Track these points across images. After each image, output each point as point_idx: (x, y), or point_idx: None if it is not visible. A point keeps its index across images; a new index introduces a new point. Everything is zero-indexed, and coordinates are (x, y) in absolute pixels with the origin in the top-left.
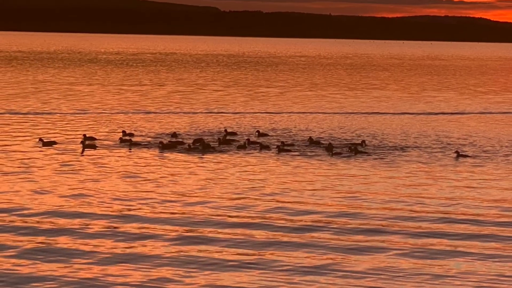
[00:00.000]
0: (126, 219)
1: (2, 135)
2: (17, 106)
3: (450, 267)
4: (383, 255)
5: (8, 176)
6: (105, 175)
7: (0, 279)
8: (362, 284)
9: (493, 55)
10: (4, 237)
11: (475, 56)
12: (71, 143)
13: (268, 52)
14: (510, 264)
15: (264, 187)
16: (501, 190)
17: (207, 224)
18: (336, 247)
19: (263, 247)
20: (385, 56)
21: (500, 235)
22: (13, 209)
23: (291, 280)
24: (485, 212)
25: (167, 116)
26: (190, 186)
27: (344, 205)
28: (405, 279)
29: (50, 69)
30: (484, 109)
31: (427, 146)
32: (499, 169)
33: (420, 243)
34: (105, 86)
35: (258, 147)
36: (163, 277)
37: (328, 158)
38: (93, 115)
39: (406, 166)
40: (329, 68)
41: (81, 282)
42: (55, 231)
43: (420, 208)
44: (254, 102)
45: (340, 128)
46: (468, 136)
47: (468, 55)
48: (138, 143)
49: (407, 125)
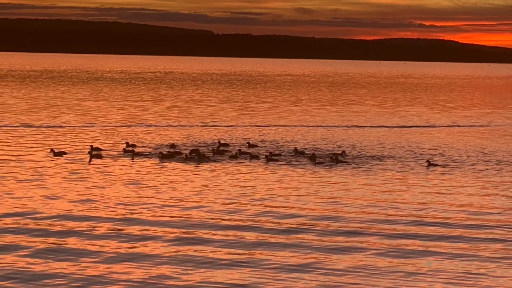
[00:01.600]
0: (129, 222)
1: (17, 146)
2: (31, 119)
3: (422, 266)
4: (361, 255)
5: (23, 183)
6: (110, 182)
7: (15, 276)
8: (342, 281)
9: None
10: (18, 238)
11: (444, 75)
12: (79, 153)
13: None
14: (476, 262)
15: (254, 193)
16: (468, 195)
17: (202, 226)
18: (319, 247)
19: (253, 247)
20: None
21: (467, 236)
22: (26, 213)
23: (278, 277)
24: (454, 216)
25: (166, 129)
26: (187, 192)
27: (326, 209)
28: (381, 276)
29: (60, 86)
30: (452, 123)
31: (401, 156)
32: (466, 177)
33: (395, 244)
34: (110, 102)
35: (249, 157)
36: (163, 274)
37: (311, 167)
38: (99, 128)
39: (382, 174)
40: (313, 86)
41: (88, 279)
42: (65, 232)
43: (395, 212)
44: (244, 116)
45: (323, 140)
46: (438, 147)
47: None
48: (140, 153)
49: (383, 137)
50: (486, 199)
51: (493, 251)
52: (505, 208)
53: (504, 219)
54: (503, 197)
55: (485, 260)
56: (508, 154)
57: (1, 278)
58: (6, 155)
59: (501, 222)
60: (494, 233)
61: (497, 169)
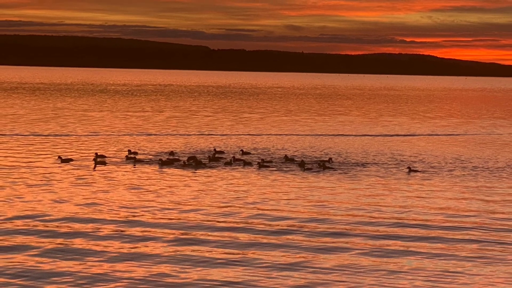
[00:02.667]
0: (131, 224)
1: (27, 153)
2: (40, 129)
3: (403, 265)
4: (347, 254)
5: (32, 187)
6: (114, 187)
7: (25, 274)
8: (329, 278)
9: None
10: (28, 239)
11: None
12: (85, 160)
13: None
14: (453, 261)
15: (247, 197)
16: (445, 199)
17: (199, 228)
18: (308, 247)
19: (246, 247)
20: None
21: (445, 237)
22: (36, 215)
23: (269, 275)
24: (433, 218)
25: (166, 137)
26: (185, 196)
27: (314, 212)
28: (365, 275)
29: (67, 98)
30: (431, 132)
31: (383, 163)
32: (444, 182)
33: (378, 244)
34: (113, 112)
35: (242, 163)
36: (162, 272)
37: (300, 173)
38: (103, 136)
39: (366, 180)
40: (302, 97)
41: (93, 277)
42: (72, 234)
43: (378, 215)
44: (238, 125)
45: (311, 148)
46: (418, 154)
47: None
48: (141, 160)
49: (367, 145)
50: (463, 203)
51: (469, 251)
52: (480, 211)
53: (479, 221)
54: (478, 201)
55: (462, 260)
56: (483, 161)
57: (12, 276)
58: (17, 162)
59: (476, 224)
60: (470, 234)
61: (473, 175)
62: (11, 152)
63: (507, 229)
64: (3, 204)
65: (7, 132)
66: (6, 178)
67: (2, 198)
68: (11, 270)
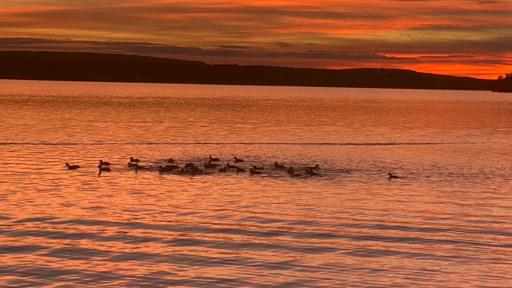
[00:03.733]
0: (133, 226)
1: (37, 160)
2: (49, 138)
3: (384, 263)
4: (332, 254)
5: (42, 192)
6: (117, 192)
7: (35, 272)
8: (316, 276)
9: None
10: (38, 240)
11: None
12: (90, 167)
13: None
14: (431, 260)
15: (240, 201)
16: (423, 203)
17: (196, 229)
18: (296, 247)
19: (239, 248)
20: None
21: (423, 238)
22: (45, 218)
23: (261, 273)
24: (411, 220)
25: (165, 146)
26: (183, 200)
27: (302, 214)
28: (349, 273)
29: (74, 109)
30: (410, 141)
31: (366, 169)
32: (422, 187)
33: (361, 244)
34: (117, 122)
35: (236, 170)
36: (162, 271)
37: (290, 179)
38: (107, 145)
39: (350, 185)
40: (290, 109)
41: (98, 275)
42: (78, 235)
43: (361, 217)
44: (232, 135)
45: (299, 155)
46: (398, 161)
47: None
48: (142, 167)
49: (351, 153)
50: (439, 206)
51: (445, 251)
52: (456, 214)
53: (454, 223)
54: (454, 205)
55: (438, 259)
56: (458, 168)
57: (23, 274)
58: (28, 168)
59: (452, 226)
60: (446, 235)
61: (448, 181)
62: (22, 159)
63: (480, 230)
64: (15, 208)
65: (18, 141)
66: (18, 183)
67: (14, 202)
68: (22, 268)
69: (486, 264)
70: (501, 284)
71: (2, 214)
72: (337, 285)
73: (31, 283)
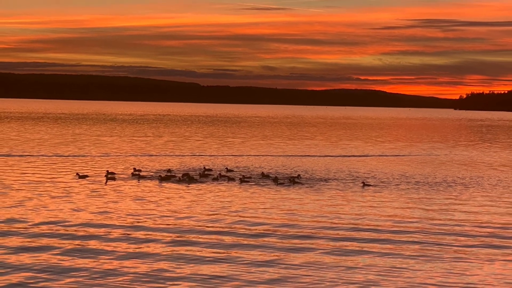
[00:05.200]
0: (136, 228)
1: (51, 170)
2: (61, 150)
3: (358, 262)
4: (312, 253)
5: (55, 199)
6: (122, 198)
7: (49, 270)
8: (298, 273)
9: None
10: (52, 241)
11: (375, 117)
12: (98, 176)
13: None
14: (399, 259)
15: (231, 206)
16: (393, 208)
17: (192, 232)
18: (280, 248)
19: (230, 248)
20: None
21: (392, 239)
22: (58, 221)
23: (249, 270)
24: (382, 223)
25: (164, 158)
26: (180, 206)
27: (285, 218)
28: (327, 270)
29: (83, 125)
30: (381, 153)
31: (342, 178)
32: (392, 194)
33: (338, 245)
34: (121, 137)
35: (227, 179)
36: (161, 268)
37: (274, 187)
38: (113, 157)
39: (328, 192)
40: (275, 125)
41: (105, 272)
42: (87, 236)
43: (338, 221)
44: (224, 148)
45: (283, 166)
46: (370, 171)
47: (370, 116)
48: (144, 176)
49: (329, 164)
50: (407, 211)
51: (412, 250)
52: (421, 218)
53: (420, 226)
54: (420, 209)
55: (406, 258)
56: (424, 177)
57: (38, 271)
58: (43, 177)
59: (418, 228)
60: (413, 237)
61: (415, 188)
62: (38, 170)
63: (443, 232)
64: (31, 212)
65: (34, 153)
66: (34, 191)
67: (30, 207)
68: (37, 266)
69: (449, 262)
70: (462, 280)
71: (19, 218)
72: (316, 281)
73: (46, 279)
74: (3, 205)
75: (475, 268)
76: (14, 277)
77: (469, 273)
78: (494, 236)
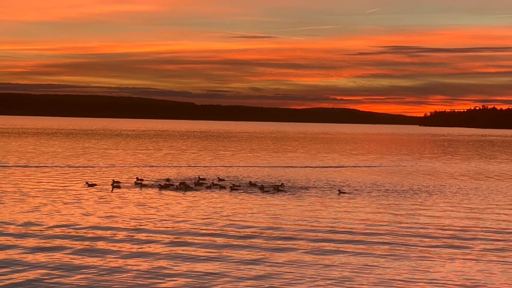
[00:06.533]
0: (138, 231)
1: (63, 180)
2: (72, 162)
3: (335, 260)
4: (294, 253)
5: (67, 204)
6: (126, 204)
7: (62, 267)
8: (281, 270)
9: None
10: (64, 241)
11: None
12: (105, 185)
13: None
14: (371, 258)
15: (222, 211)
16: (366, 213)
17: (188, 234)
18: (266, 248)
19: (221, 248)
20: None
21: (365, 240)
22: (70, 225)
23: (238, 268)
24: (356, 226)
25: (163, 168)
26: (177, 211)
27: (270, 222)
28: (307, 267)
29: (92, 140)
30: (355, 164)
31: (321, 187)
32: (364, 201)
33: (317, 245)
34: (126, 150)
35: (219, 187)
36: (161, 266)
37: (261, 194)
38: (118, 168)
39: (308, 199)
40: (262, 139)
41: (111, 269)
42: (95, 238)
43: (317, 224)
44: (216, 160)
45: (268, 176)
46: (346, 180)
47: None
48: (146, 185)
49: (309, 174)
50: (378, 215)
51: (383, 250)
52: (391, 222)
53: (390, 229)
54: (389, 214)
55: (377, 257)
56: (393, 185)
57: (52, 268)
58: (56, 186)
59: (388, 231)
60: (383, 238)
61: (385, 195)
62: (52, 179)
63: (410, 234)
64: (46, 217)
65: (49, 165)
66: (48, 197)
67: (45, 212)
68: (51, 264)
69: (415, 261)
70: (426, 277)
71: (36, 221)
72: (298, 277)
73: (59, 276)
74: (21, 210)
75: (438, 266)
76: (31, 274)
77: (433, 270)
78: (454, 237)
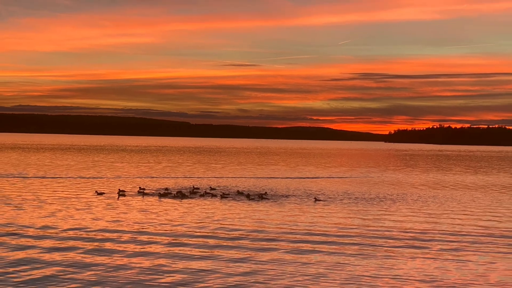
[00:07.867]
0: (141, 233)
1: (75, 189)
2: (83, 173)
3: (312, 259)
4: (276, 252)
5: (79, 210)
6: (130, 210)
7: (74, 265)
8: (265, 267)
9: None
10: (76, 242)
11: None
12: (112, 193)
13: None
14: (343, 257)
15: (214, 216)
16: (338, 218)
17: (184, 236)
18: (251, 248)
19: (213, 248)
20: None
21: (338, 241)
22: (81, 228)
23: (227, 265)
24: (330, 229)
25: (163, 179)
26: (175, 216)
27: (255, 225)
28: (287, 265)
29: (101, 154)
30: (329, 175)
31: (299, 195)
32: (337, 207)
33: (296, 246)
34: (130, 163)
35: (211, 195)
36: (160, 263)
37: (248, 201)
38: (123, 178)
39: (288, 205)
40: (248, 154)
41: (117, 266)
42: (103, 239)
43: (296, 227)
44: (208, 172)
45: (254, 185)
46: (321, 189)
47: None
48: (147, 193)
49: (289, 184)
50: (349, 220)
51: (353, 250)
52: (360, 225)
53: (359, 231)
54: (358, 219)
55: (348, 255)
56: (361, 194)
57: (66, 266)
58: (69, 194)
59: (357, 233)
60: (353, 240)
61: (355, 203)
62: (66, 188)
63: (376, 236)
64: (60, 221)
65: (63, 176)
66: (62, 204)
67: (60, 217)
68: (65, 262)
69: (381, 259)
70: (390, 273)
71: (51, 225)
72: (279, 273)
73: (72, 272)
74: (39, 215)
75: (400, 263)
76: (48, 271)
77: (396, 267)
78: (415, 239)
